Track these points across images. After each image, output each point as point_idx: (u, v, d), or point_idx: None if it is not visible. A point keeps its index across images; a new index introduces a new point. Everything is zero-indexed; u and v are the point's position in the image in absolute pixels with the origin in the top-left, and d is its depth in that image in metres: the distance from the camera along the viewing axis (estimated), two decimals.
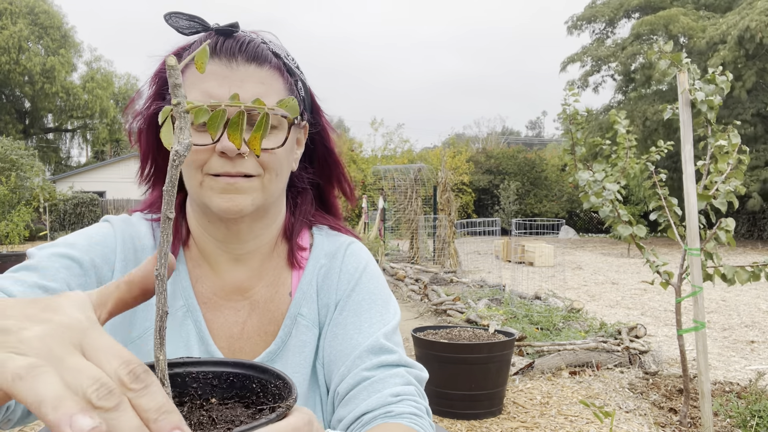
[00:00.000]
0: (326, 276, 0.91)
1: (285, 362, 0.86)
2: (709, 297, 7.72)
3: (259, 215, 0.84)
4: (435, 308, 6.28)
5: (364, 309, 0.88)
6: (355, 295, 0.89)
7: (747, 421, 2.92)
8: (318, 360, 0.88)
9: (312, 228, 0.96)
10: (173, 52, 0.83)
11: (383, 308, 0.89)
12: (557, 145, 35.24)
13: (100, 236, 0.83)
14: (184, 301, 0.83)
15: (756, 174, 16.42)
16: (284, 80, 0.82)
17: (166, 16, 0.77)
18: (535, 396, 3.61)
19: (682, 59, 2.78)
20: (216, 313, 0.85)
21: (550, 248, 12.02)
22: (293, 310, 0.87)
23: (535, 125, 63.69)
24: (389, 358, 0.83)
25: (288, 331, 0.86)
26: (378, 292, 0.91)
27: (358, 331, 0.85)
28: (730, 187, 2.92)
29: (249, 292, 0.87)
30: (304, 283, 0.89)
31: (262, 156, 0.78)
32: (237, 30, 0.80)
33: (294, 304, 0.88)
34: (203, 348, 0.83)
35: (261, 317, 0.87)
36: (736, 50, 15.41)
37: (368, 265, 0.94)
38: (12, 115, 33.79)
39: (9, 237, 10.86)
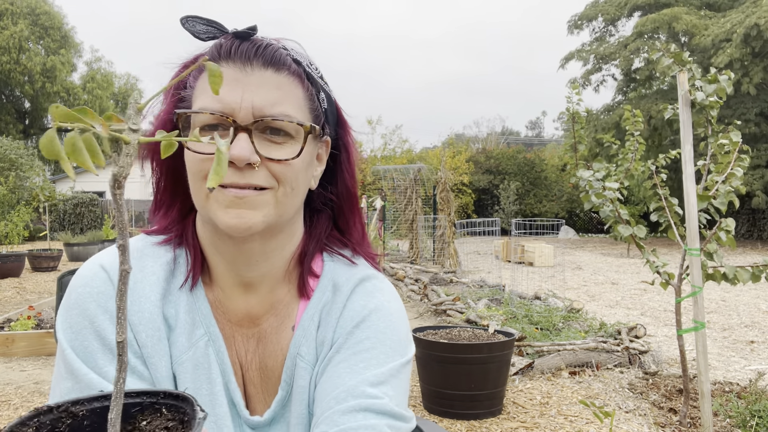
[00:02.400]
0: (328, 312, 0.82)
1: (291, 411, 0.80)
2: (709, 297, 7.71)
3: (272, 234, 0.77)
4: (435, 308, 6.28)
5: (365, 348, 0.78)
6: (357, 333, 0.80)
7: (747, 421, 2.92)
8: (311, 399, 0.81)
9: (324, 254, 0.88)
10: (189, 60, 0.79)
11: (391, 349, 0.79)
12: (557, 145, 35.25)
13: (98, 296, 0.75)
14: (204, 329, 0.78)
15: (759, 173, 16.44)
16: (304, 88, 0.77)
17: (182, 19, 0.74)
18: (534, 396, 3.61)
19: (684, 58, 2.78)
20: (230, 341, 0.81)
21: (549, 248, 12.02)
22: (293, 350, 0.81)
23: (534, 125, 63.70)
24: (373, 403, 0.73)
25: (290, 374, 0.81)
26: (388, 332, 0.81)
27: (350, 370, 0.76)
28: (730, 187, 2.92)
29: (259, 320, 0.82)
30: (306, 318, 0.82)
31: (276, 167, 0.72)
32: (254, 33, 0.75)
33: (294, 343, 0.81)
34: (224, 380, 0.78)
35: (265, 349, 0.82)
36: (742, 48, 15.42)
37: (382, 304, 0.83)
38: (12, 115, 33.78)
39: (9, 237, 10.85)
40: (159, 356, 0.75)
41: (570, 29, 22.71)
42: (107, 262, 0.77)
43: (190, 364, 0.76)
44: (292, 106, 0.74)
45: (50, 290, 8.18)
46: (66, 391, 0.71)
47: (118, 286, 0.37)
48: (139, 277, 0.77)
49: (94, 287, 0.74)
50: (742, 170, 2.96)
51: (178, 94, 0.79)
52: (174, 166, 0.80)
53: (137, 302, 0.75)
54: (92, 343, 0.72)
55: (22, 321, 4.93)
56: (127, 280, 0.37)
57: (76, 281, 0.76)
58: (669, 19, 18.21)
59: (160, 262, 0.79)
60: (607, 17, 21.63)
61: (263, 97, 0.72)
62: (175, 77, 0.79)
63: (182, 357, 0.76)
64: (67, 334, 0.73)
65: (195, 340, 0.77)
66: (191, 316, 0.78)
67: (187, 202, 0.82)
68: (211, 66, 0.39)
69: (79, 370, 0.70)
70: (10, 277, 9.47)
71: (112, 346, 0.72)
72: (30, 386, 3.88)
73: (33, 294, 7.90)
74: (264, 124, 0.72)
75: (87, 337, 0.72)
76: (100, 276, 0.76)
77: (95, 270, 0.76)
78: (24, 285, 8.74)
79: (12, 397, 3.64)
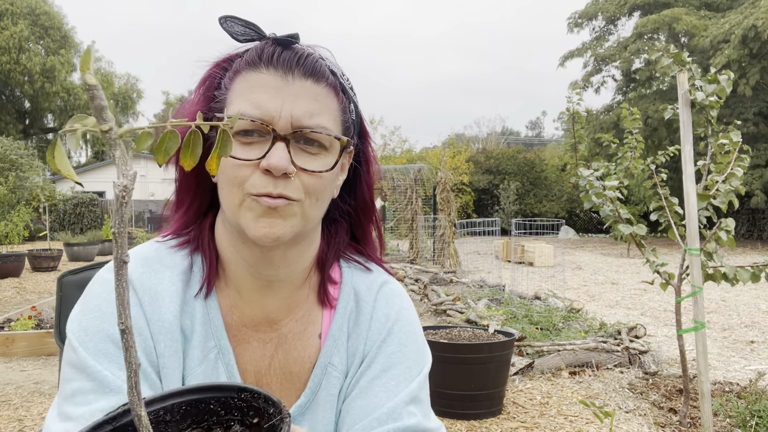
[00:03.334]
0: (356, 322, 0.85)
1: (315, 416, 0.80)
2: (709, 297, 7.71)
3: (295, 241, 0.78)
4: (435, 308, 6.28)
5: (393, 363, 0.82)
6: (386, 348, 0.83)
7: (747, 421, 2.92)
8: (345, 393, 0.83)
9: (340, 261, 0.90)
10: (222, 59, 0.78)
11: (414, 361, 0.84)
12: (557, 145, 35.24)
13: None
14: (215, 342, 0.78)
15: (758, 172, 16.45)
16: (338, 100, 0.77)
17: (221, 19, 0.73)
18: (534, 396, 3.60)
19: (684, 58, 2.78)
20: (245, 346, 0.80)
21: (549, 248, 12.02)
22: (323, 359, 0.82)
23: (535, 125, 63.69)
24: (410, 425, 0.78)
25: (318, 382, 0.81)
26: (410, 343, 0.85)
27: (385, 389, 0.80)
28: (730, 187, 2.92)
29: (278, 324, 0.82)
30: (335, 328, 0.83)
31: (308, 179, 0.73)
32: (297, 42, 0.75)
33: (324, 353, 0.82)
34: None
35: (287, 354, 0.82)
36: (740, 49, 15.43)
37: (401, 312, 0.87)
38: (12, 115, 33.78)
39: (9, 237, 10.85)
40: (173, 368, 0.74)
41: (570, 27, 22.72)
42: (134, 280, 0.76)
43: (201, 377, 0.77)
44: (328, 118, 0.75)
45: (50, 290, 8.18)
46: (75, 390, 0.70)
47: (115, 273, 0.37)
48: (159, 289, 0.76)
49: (129, 304, 0.75)
50: (742, 170, 2.96)
51: (209, 94, 0.77)
52: (198, 166, 0.79)
53: (157, 312, 0.75)
54: (108, 345, 0.72)
55: (22, 321, 4.93)
56: (124, 270, 0.36)
57: (98, 288, 0.76)
58: (669, 19, 18.22)
59: (177, 272, 0.79)
60: (608, 15, 21.64)
61: (302, 107, 0.72)
62: (207, 77, 0.77)
63: (196, 370, 0.76)
64: (81, 336, 0.72)
65: (206, 352, 0.77)
66: (205, 328, 0.78)
67: (204, 202, 0.82)
68: (225, 131, 0.40)
69: (93, 368, 0.70)
70: (10, 277, 9.47)
71: (149, 378, 0.73)
72: (30, 386, 3.87)
73: (33, 294, 7.90)
74: (301, 135, 0.72)
75: (103, 340, 0.72)
76: (131, 294, 0.75)
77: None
78: (24, 285, 8.74)
79: (12, 397, 3.64)
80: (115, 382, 0.70)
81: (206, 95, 0.77)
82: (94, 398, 0.69)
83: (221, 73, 0.77)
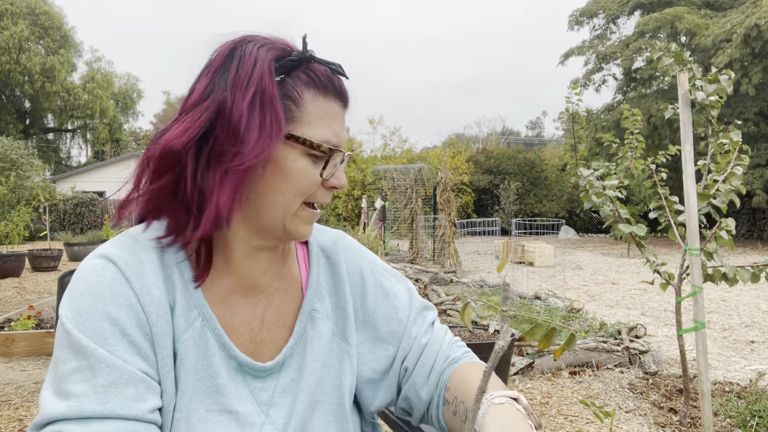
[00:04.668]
0: (333, 273, 0.96)
1: (303, 352, 0.89)
2: (709, 297, 7.71)
3: None
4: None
5: (387, 288, 0.98)
6: (371, 287, 0.97)
7: (747, 421, 2.92)
8: (344, 335, 0.94)
9: None
10: (272, 58, 0.79)
11: (393, 275, 1.02)
12: (557, 145, 35.25)
13: (110, 292, 0.75)
14: (198, 311, 0.81)
15: (759, 172, 16.45)
16: None
17: (305, 40, 0.81)
18: (535, 396, 3.61)
19: (684, 58, 2.78)
20: (235, 310, 0.85)
21: (550, 248, 12.02)
22: (307, 306, 0.91)
23: (535, 125, 63.68)
24: (430, 315, 1.00)
25: (303, 326, 0.90)
26: (381, 265, 1.02)
27: (395, 310, 0.97)
28: (730, 186, 2.92)
29: (264, 286, 0.88)
30: (313, 280, 0.93)
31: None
32: (344, 75, 0.85)
33: (307, 301, 0.91)
34: (225, 352, 0.82)
35: (278, 309, 0.89)
36: (742, 48, 15.43)
37: (362, 253, 1.01)
38: (12, 115, 33.78)
39: (9, 237, 10.85)
40: (166, 335, 0.78)
41: (570, 25, 22.69)
42: (112, 254, 0.78)
43: (190, 342, 0.80)
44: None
45: (50, 290, 8.19)
46: (73, 369, 0.71)
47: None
48: (141, 267, 0.78)
49: (106, 276, 0.76)
50: (742, 169, 2.96)
51: (282, 102, 0.78)
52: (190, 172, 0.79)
53: (146, 287, 0.77)
54: (103, 323, 0.73)
55: (22, 321, 4.94)
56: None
57: (84, 273, 0.77)
58: (671, 18, 18.21)
59: (149, 249, 0.81)
60: (609, 14, 21.62)
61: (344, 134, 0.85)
62: (265, 74, 0.76)
63: (183, 336, 0.79)
64: (75, 318, 0.73)
65: (191, 321, 0.80)
66: (186, 300, 0.81)
67: (180, 215, 0.80)
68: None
69: (88, 347, 0.71)
70: (10, 277, 9.47)
71: (123, 328, 0.74)
72: (30, 386, 3.88)
73: (33, 294, 7.90)
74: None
75: (98, 319, 0.73)
76: (110, 267, 0.77)
77: (103, 263, 0.78)
78: (24, 285, 8.74)
79: (12, 397, 3.64)
80: (111, 359, 0.72)
81: (273, 95, 0.77)
82: (92, 375, 0.71)
83: (277, 75, 0.79)
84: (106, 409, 0.69)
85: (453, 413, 0.89)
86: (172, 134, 0.75)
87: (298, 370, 0.87)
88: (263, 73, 0.76)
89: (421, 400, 0.95)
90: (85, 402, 0.69)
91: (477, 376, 0.88)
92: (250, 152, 0.74)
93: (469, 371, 0.92)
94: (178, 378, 0.78)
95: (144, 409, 0.72)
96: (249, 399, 0.82)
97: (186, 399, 0.77)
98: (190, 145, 0.75)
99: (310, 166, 0.79)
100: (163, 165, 0.76)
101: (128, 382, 0.72)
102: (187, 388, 0.78)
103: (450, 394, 0.91)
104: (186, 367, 0.78)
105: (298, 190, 0.79)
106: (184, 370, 0.78)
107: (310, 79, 0.79)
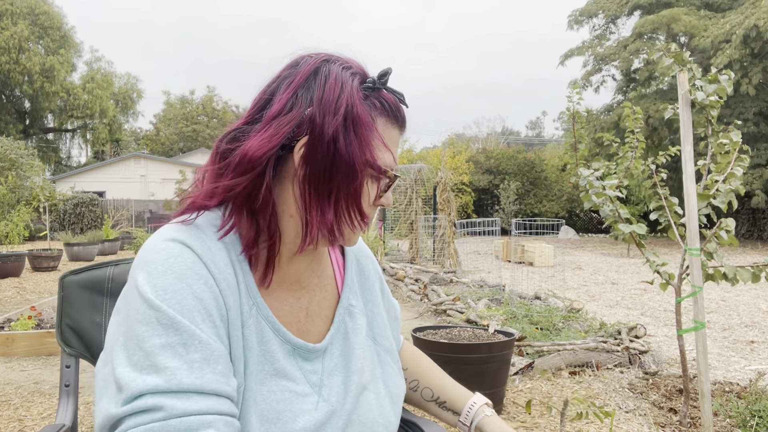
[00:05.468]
0: (361, 272, 1.06)
1: (347, 341, 0.96)
2: (709, 297, 7.72)
3: None
4: (435, 308, 6.28)
5: (387, 294, 1.13)
6: (386, 291, 1.12)
7: (747, 421, 2.92)
8: (377, 342, 1.02)
9: None
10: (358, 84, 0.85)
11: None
12: (557, 145, 35.25)
13: (192, 274, 0.78)
14: (253, 300, 0.85)
15: (759, 172, 16.45)
16: None
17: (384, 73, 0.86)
18: (535, 396, 3.61)
19: (684, 58, 2.78)
20: (282, 302, 0.90)
21: (550, 248, 12.02)
22: (344, 302, 0.99)
23: (535, 125, 63.68)
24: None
25: (342, 318, 0.97)
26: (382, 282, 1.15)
27: (395, 308, 1.16)
28: (730, 187, 2.92)
29: (305, 282, 0.94)
30: (348, 278, 1.02)
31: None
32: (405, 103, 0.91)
33: (344, 297, 0.99)
34: (279, 337, 0.86)
35: (320, 303, 0.96)
36: (742, 48, 15.43)
37: (374, 258, 1.15)
38: (12, 115, 33.79)
39: (9, 237, 10.85)
40: (237, 319, 0.81)
41: (570, 24, 22.70)
42: (185, 239, 0.80)
43: (253, 327, 0.83)
44: None
45: (50, 290, 8.19)
46: (164, 344, 0.70)
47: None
48: (212, 253, 0.81)
49: (186, 258, 0.78)
50: (741, 170, 2.96)
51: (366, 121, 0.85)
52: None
53: (221, 272, 0.80)
54: (189, 301, 0.74)
55: (22, 321, 4.93)
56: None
57: (162, 255, 0.77)
58: (668, 20, 18.22)
59: (213, 238, 0.83)
60: (608, 14, 21.64)
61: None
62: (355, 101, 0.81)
63: (248, 321, 0.83)
64: (161, 295, 0.74)
65: (250, 307, 0.84)
66: (246, 288, 0.85)
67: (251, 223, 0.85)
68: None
69: (181, 322, 0.72)
70: (10, 277, 9.47)
71: (207, 308, 0.76)
72: (30, 386, 3.88)
73: (33, 294, 7.90)
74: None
75: (185, 296, 0.74)
76: (186, 250, 0.79)
77: (178, 246, 0.79)
78: (24, 285, 8.74)
79: (12, 397, 3.64)
80: (202, 335, 0.73)
81: (369, 123, 0.83)
82: (185, 351, 0.71)
83: (365, 101, 0.84)
84: (204, 383, 0.70)
85: (413, 390, 1.15)
86: (255, 143, 0.79)
87: (342, 356, 0.94)
88: (353, 98, 0.81)
89: None
90: (181, 376, 0.69)
91: (425, 360, 1.21)
92: (351, 174, 0.81)
93: (416, 353, 1.21)
94: (247, 360, 0.81)
95: (233, 386, 0.75)
96: (303, 380, 0.87)
97: (252, 380, 0.81)
98: (270, 155, 0.79)
99: (369, 186, 0.85)
100: (239, 169, 0.80)
101: (218, 359, 0.73)
102: (253, 370, 0.81)
103: (408, 374, 1.16)
104: (252, 350, 0.82)
105: (366, 207, 0.86)
106: (251, 352, 0.82)
107: (383, 107, 0.85)
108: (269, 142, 0.78)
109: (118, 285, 1.19)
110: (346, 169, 0.80)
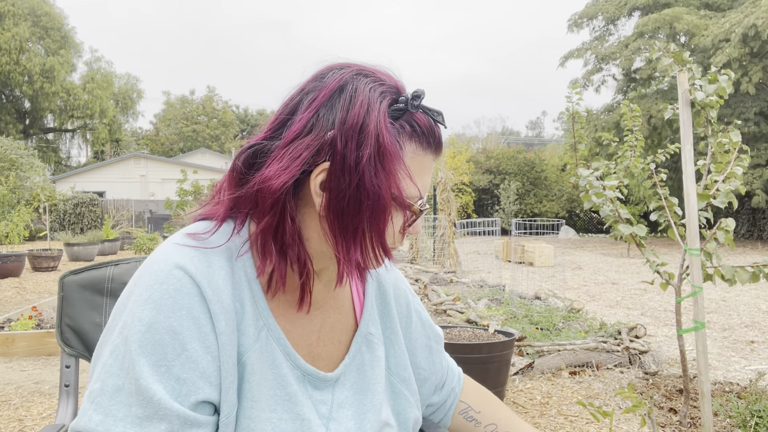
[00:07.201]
0: (382, 302, 0.98)
1: (363, 374, 0.91)
2: (709, 297, 7.71)
3: None
4: (435, 308, 6.28)
5: (424, 317, 1.05)
6: (414, 317, 1.03)
7: (747, 421, 2.92)
8: (391, 372, 0.96)
9: None
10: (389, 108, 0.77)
11: (418, 299, 1.08)
12: (557, 145, 35.23)
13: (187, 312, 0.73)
14: (263, 321, 0.81)
15: (759, 172, 16.44)
16: None
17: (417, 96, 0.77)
18: (535, 396, 3.61)
19: (684, 58, 2.78)
20: (294, 324, 0.85)
21: (550, 248, 12.02)
22: (363, 329, 0.93)
23: (535, 125, 63.68)
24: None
25: (359, 347, 0.92)
26: (410, 289, 1.07)
27: (428, 339, 1.05)
28: (730, 187, 2.92)
29: (320, 302, 0.89)
30: (368, 304, 0.96)
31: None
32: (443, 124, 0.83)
33: (363, 324, 0.93)
34: (290, 361, 0.82)
35: (333, 326, 0.91)
36: (741, 47, 15.43)
37: (400, 275, 1.06)
38: (12, 115, 33.79)
39: (9, 237, 10.85)
40: (232, 345, 0.76)
41: (570, 27, 22.71)
42: (182, 260, 0.76)
43: (259, 351, 0.79)
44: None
45: (50, 290, 8.19)
46: (113, 389, 0.71)
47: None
48: (211, 272, 0.76)
49: (171, 285, 0.74)
50: (741, 170, 2.96)
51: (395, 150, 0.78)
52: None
53: (217, 293, 0.75)
54: (164, 336, 0.72)
55: (22, 321, 4.94)
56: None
57: (149, 279, 0.75)
58: (670, 19, 18.23)
59: (220, 253, 0.80)
60: (607, 16, 21.64)
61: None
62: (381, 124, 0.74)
63: (253, 346, 0.79)
64: (135, 326, 0.72)
65: (258, 329, 0.80)
66: (253, 308, 0.80)
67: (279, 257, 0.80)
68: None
69: (140, 374, 0.70)
70: (10, 277, 9.47)
71: (183, 342, 0.72)
72: (30, 386, 3.88)
73: (33, 294, 7.90)
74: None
75: (159, 331, 0.72)
76: (175, 274, 0.74)
77: (168, 271, 0.75)
78: (24, 285, 8.74)
79: (12, 397, 3.65)
80: (155, 393, 0.69)
81: (397, 155, 0.76)
82: (132, 401, 0.70)
83: (396, 125, 0.77)
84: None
85: (467, 420, 1.09)
86: (272, 171, 0.73)
87: (354, 388, 0.88)
88: (380, 124, 0.73)
89: (431, 405, 1.09)
90: (118, 429, 0.69)
91: (496, 401, 1.12)
92: (377, 209, 0.74)
93: (483, 393, 1.13)
94: (250, 387, 0.77)
95: None
96: (312, 409, 0.83)
97: (259, 408, 0.77)
98: (288, 185, 0.74)
99: (395, 217, 0.78)
100: (261, 207, 0.76)
101: (163, 419, 0.70)
102: (260, 397, 0.78)
103: (483, 417, 1.08)
104: (257, 376, 0.78)
105: (395, 232, 0.80)
106: (255, 379, 0.78)
107: (414, 131, 0.77)
108: (287, 172, 0.73)
109: (118, 285, 1.19)
110: (372, 204, 0.73)
